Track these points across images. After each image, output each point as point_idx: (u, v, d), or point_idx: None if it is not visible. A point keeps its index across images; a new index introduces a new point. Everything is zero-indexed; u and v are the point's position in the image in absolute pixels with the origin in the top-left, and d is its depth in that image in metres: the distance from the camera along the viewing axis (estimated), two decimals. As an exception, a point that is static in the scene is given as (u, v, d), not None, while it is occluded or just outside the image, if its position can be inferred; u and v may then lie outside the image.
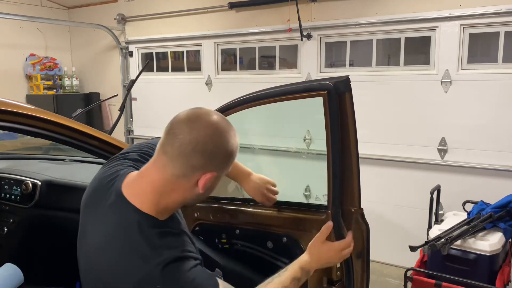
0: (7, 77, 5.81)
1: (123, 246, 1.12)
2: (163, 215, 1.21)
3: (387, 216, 4.15)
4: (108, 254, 1.13)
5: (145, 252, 1.09)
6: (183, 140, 1.16)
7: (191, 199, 1.25)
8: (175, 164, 1.17)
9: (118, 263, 1.11)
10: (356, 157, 1.66)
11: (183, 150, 1.16)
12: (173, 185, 1.18)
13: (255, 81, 4.64)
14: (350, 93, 1.61)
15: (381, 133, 4.10)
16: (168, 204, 1.20)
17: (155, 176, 1.19)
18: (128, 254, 1.10)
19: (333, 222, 1.68)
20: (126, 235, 1.14)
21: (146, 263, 1.08)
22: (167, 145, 1.19)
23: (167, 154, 1.18)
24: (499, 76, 3.55)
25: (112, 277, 1.11)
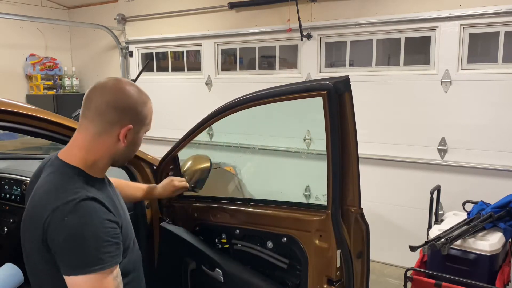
0: (7, 77, 5.81)
1: (50, 186, 1.31)
2: (94, 172, 1.39)
3: (387, 216, 4.15)
4: (38, 195, 1.32)
5: (65, 189, 1.29)
6: (97, 102, 1.35)
7: (119, 155, 1.43)
8: (95, 124, 1.35)
9: (41, 198, 1.30)
10: (356, 157, 1.67)
11: (99, 110, 1.35)
12: (97, 143, 1.36)
13: (255, 81, 4.64)
14: (350, 93, 1.61)
15: (381, 133, 4.10)
16: (96, 160, 1.38)
17: (80, 137, 1.37)
18: (52, 191, 1.30)
19: (333, 222, 1.68)
20: (54, 179, 1.33)
21: (63, 197, 1.26)
22: (86, 110, 1.37)
23: (87, 117, 1.36)
24: (499, 76, 3.55)
25: (36, 211, 1.29)
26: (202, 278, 2.03)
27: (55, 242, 1.24)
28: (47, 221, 1.24)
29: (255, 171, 3.07)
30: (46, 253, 1.27)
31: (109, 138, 1.37)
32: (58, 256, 1.24)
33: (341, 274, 1.73)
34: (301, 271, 1.84)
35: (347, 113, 1.62)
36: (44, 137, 1.82)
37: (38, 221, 1.26)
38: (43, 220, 1.25)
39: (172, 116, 5.48)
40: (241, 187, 3.26)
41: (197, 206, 2.18)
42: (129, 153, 1.47)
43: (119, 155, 1.43)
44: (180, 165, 2.23)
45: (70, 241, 1.22)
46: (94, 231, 1.24)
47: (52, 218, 1.24)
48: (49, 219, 1.24)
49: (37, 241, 1.27)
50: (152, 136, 5.74)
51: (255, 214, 1.97)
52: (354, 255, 1.74)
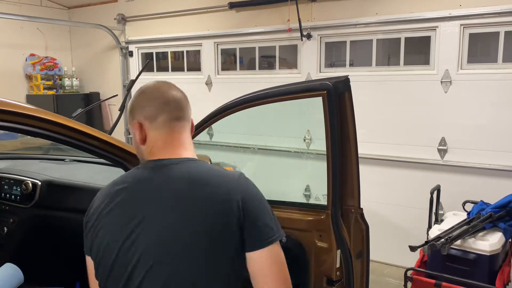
0: (7, 77, 5.81)
1: (209, 173, 1.27)
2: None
3: (387, 216, 4.15)
4: (207, 184, 1.23)
5: (224, 175, 1.27)
6: (181, 100, 1.41)
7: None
8: (185, 122, 1.40)
9: (214, 185, 1.23)
10: (356, 157, 1.67)
11: (185, 106, 1.42)
12: (189, 138, 1.40)
13: (255, 81, 4.64)
14: (350, 93, 1.61)
15: (381, 133, 4.10)
16: (194, 156, 1.38)
17: (181, 137, 1.37)
18: (216, 175, 1.26)
19: (333, 222, 1.68)
20: (202, 167, 1.30)
21: (232, 174, 1.28)
22: (176, 111, 1.37)
23: (181, 118, 1.38)
24: (499, 76, 3.55)
25: (217, 197, 1.21)
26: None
27: (250, 212, 1.19)
28: (236, 197, 1.19)
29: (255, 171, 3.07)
30: (236, 233, 1.18)
31: (189, 131, 1.42)
32: (252, 228, 1.19)
33: (341, 274, 1.73)
34: (301, 271, 1.83)
35: (347, 113, 1.62)
36: (44, 137, 1.82)
37: (225, 202, 1.19)
38: (231, 198, 1.19)
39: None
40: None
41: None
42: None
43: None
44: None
45: (264, 209, 1.23)
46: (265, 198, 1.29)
47: (241, 191, 1.22)
48: (240, 195, 1.20)
49: (228, 227, 1.18)
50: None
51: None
52: (354, 255, 1.74)
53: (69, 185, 2.54)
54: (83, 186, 2.48)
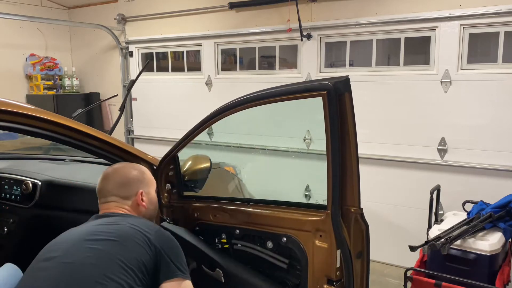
0: (7, 77, 5.80)
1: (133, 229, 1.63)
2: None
3: (387, 216, 4.15)
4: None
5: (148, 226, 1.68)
6: (110, 186, 1.83)
7: (145, 214, 1.85)
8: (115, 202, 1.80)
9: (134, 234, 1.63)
10: (356, 157, 1.67)
11: (112, 191, 1.82)
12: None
13: (255, 81, 4.64)
14: (350, 93, 1.61)
15: (381, 133, 4.10)
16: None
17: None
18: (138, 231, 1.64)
19: (333, 222, 1.68)
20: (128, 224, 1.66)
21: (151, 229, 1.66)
22: (104, 197, 1.83)
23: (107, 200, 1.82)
24: (499, 76, 3.55)
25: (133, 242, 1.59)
26: (202, 278, 2.03)
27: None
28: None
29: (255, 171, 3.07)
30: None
31: (132, 204, 1.82)
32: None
33: (341, 274, 1.73)
34: (301, 271, 1.84)
35: (347, 113, 1.62)
36: (44, 137, 1.82)
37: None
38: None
39: (172, 116, 5.48)
40: (241, 187, 3.26)
41: (197, 206, 2.18)
42: (152, 211, 1.90)
43: (146, 214, 1.84)
44: (180, 165, 2.23)
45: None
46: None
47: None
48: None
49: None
50: (152, 136, 5.75)
51: (255, 214, 1.97)
52: (354, 255, 1.74)
53: (69, 185, 2.54)
54: (83, 186, 2.49)
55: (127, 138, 6.02)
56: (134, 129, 6.00)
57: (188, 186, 2.25)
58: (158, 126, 5.67)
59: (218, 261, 1.96)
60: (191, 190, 2.22)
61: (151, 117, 5.74)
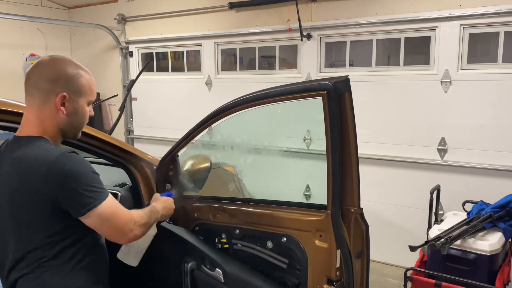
0: (7, 77, 5.80)
1: (33, 152, 1.44)
2: (55, 141, 1.54)
3: (387, 216, 4.15)
4: (25, 163, 1.44)
5: (49, 149, 1.45)
6: (32, 76, 1.51)
7: (64, 125, 1.54)
8: (34, 96, 1.49)
9: (30, 162, 1.43)
10: (356, 157, 1.66)
11: (34, 82, 1.50)
12: (43, 114, 1.50)
13: (255, 81, 4.64)
14: (350, 93, 1.61)
15: (381, 133, 4.10)
16: (49, 131, 1.52)
17: (30, 113, 1.51)
18: (39, 154, 1.44)
19: (333, 222, 1.68)
20: (31, 148, 1.45)
21: (53, 154, 1.43)
22: (27, 88, 1.52)
23: (28, 93, 1.51)
24: (499, 76, 3.55)
25: (29, 173, 1.42)
26: (202, 278, 2.03)
27: (63, 189, 1.41)
28: (49, 175, 1.40)
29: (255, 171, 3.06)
30: (48, 204, 1.43)
31: (49, 109, 1.50)
32: (68, 201, 1.43)
33: (341, 274, 1.73)
34: (301, 271, 1.84)
35: (347, 113, 1.61)
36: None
37: (38, 179, 1.41)
38: (44, 175, 1.40)
39: (172, 116, 5.48)
40: (241, 187, 3.25)
41: (197, 206, 2.18)
42: (73, 122, 1.56)
43: (64, 125, 1.54)
44: (180, 165, 2.23)
45: (77, 183, 1.42)
46: (91, 169, 1.48)
47: (54, 170, 1.40)
48: (51, 173, 1.39)
49: (38, 198, 1.43)
50: (152, 136, 5.75)
51: (255, 214, 1.97)
52: (354, 255, 1.73)
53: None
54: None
55: (127, 138, 6.02)
56: (134, 129, 6.00)
57: (188, 186, 2.25)
58: (158, 126, 5.67)
59: (218, 261, 1.96)
60: (191, 190, 2.22)
61: (151, 117, 5.74)
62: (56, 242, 1.48)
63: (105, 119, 6.27)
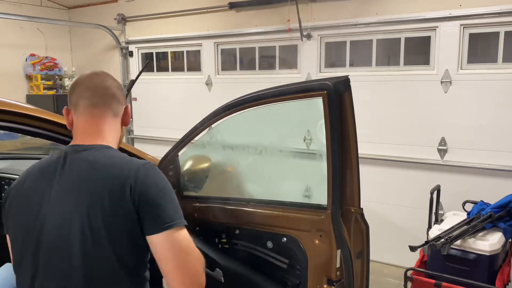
0: (7, 77, 5.81)
1: (113, 158, 1.33)
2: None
3: (387, 216, 4.15)
4: (102, 169, 1.30)
5: (131, 159, 1.35)
6: (102, 86, 1.43)
7: (121, 138, 1.52)
8: (104, 107, 1.42)
9: (110, 167, 1.30)
10: (356, 157, 1.67)
11: (107, 92, 1.43)
12: (111, 126, 1.44)
13: (255, 81, 4.64)
14: (350, 93, 1.61)
15: (381, 133, 4.10)
16: (114, 144, 1.44)
17: (94, 123, 1.41)
18: (119, 160, 1.33)
19: (333, 222, 1.68)
20: (110, 153, 1.35)
21: (136, 162, 1.33)
22: (92, 97, 1.41)
23: (91, 103, 1.41)
24: (499, 76, 3.55)
25: (110, 179, 1.27)
26: (202, 278, 2.02)
27: (146, 197, 1.26)
28: (131, 181, 1.26)
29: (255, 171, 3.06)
30: (131, 213, 1.25)
31: (118, 119, 1.47)
32: (148, 213, 1.26)
33: (341, 274, 1.73)
34: (301, 271, 1.83)
35: (347, 113, 1.62)
36: (44, 137, 1.82)
37: (120, 185, 1.25)
38: (126, 181, 1.25)
39: (172, 116, 5.48)
40: (241, 187, 3.25)
41: (197, 206, 2.18)
42: (123, 136, 1.55)
43: (121, 138, 1.52)
44: (180, 165, 2.23)
45: (162, 195, 1.28)
46: (172, 189, 1.35)
47: (138, 177, 1.26)
48: (134, 179, 1.26)
49: (121, 206, 1.24)
50: (152, 136, 5.75)
51: (255, 214, 1.97)
52: (354, 255, 1.73)
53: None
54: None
55: (127, 138, 6.02)
56: (134, 129, 6.00)
57: (188, 186, 2.25)
58: (158, 126, 5.67)
59: (218, 261, 1.96)
60: (191, 190, 2.22)
61: (151, 117, 5.74)
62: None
63: (105, 119, 6.26)
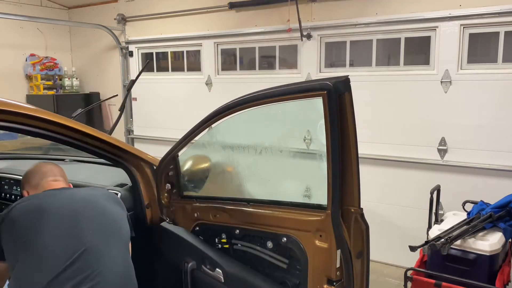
0: (7, 77, 5.81)
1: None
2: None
3: (387, 216, 4.15)
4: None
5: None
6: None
7: None
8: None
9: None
10: (356, 157, 1.66)
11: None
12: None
13: (255, 81, 4.64)
14: (350, 93, 1.60)
15: (381, 133, 4.10)
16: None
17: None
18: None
19: (333, 222, 1.68)
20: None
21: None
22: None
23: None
24: (499, 76, 3.55)
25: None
26: (202, 278, 2.03)
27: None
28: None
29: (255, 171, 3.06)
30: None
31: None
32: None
33: (341, 274, 1.73)
34: (301, 271, 1.83)
35: (347, 113, 1.61)
36: (44, 137, 1.82)
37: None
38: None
39: (172, 116, 5.48)
40: (241, 187, 3.25)
41: (197, 206, 2.18)
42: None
43: None
44: (180, 165, 2.23)
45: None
46: None
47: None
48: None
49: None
50: (152, 136, 5.75)
51: (255, 214, 1.97)
52: (354, 255, 1.73)
53: (69, 185, 2.53)
54: (83, 186, 2.48)
55: (127, 138, 6.02)
56: (134, 129, 6.00)
57: (188, 186, 2.25)
58: (158, 126, 5.67)
59: (218, 261, 1.96)
60: (191, 190, 2.22)
61: (151, 117, 5.74)
62: None
63: (105, 119, 6.27)
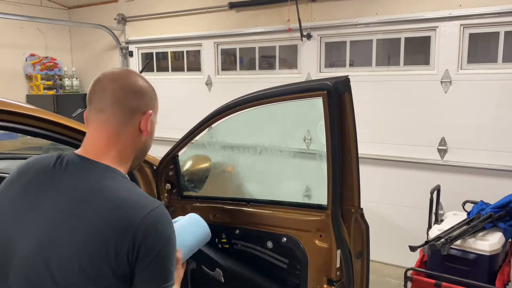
0: (7, 77, 5.80)
1: (111, 201, 1.09)
2: (125, 171, 1.23)
3: (387, 216, 4.15)
4: (93, 213, 1.07)
5: (135, 201, 1.11)
6: (113, 90, 1.19)
7: (140, 150, 1.28)
8: (115, 114, 1.19)
9: (111, 217, 1.07)
10: (356, 157, 1.67)
11: (117, 97, 1.19)
12: (123, 138, 1.21)
13: (255, 81, 4.64)
14: (350, 93, 1.61)
15: (381, 133, 4.10)
16: (126, 158, 1.23)
17: (102, 134, 1.19)
18: (120, 207, 1.08)
19: (333, 222, 1.68)
20: (109, 189, 1.11)
21: (144, 205, 1.10)
22: (99, 103, 1.20)
23: (104, 110, 1.20)
24: (499, 76, 3.55)
25: (110, 230, 1.05)
26: (202, 278, 2.03)
27: (150, 252, 1.07)
28: (137, 231, 1.06)
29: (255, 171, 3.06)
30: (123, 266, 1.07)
31: (132, 129, 1.22)
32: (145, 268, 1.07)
33: (341, 274, 1.73)
34: (301, 271, 1.84)
35: (347, 113, 1.62)
36: (44, 137, 1.82)
37: (124, 232, 1.05)
38: (132, 231, 1.05)
39: (172, 116, 5.48)
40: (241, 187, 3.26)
41: (197, 206, 2.18)
42: (147, 147, 1.32)
43: (140, 150, 1.27)
44: (180, 165, 2.23)
45: (167, 249, 1.10)
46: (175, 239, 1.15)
47: (144, 228, 1.07)
48: (141, 229, 1.06)
49: (117, 255, 1.05)
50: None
51: (255, 214, 1.97)
52: (354, 255, 1.74)
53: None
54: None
55: (127, 138, 6.02)
56: (134, 129, 5.99)
57: (188, 186, 2.25)
58: (158, 126, 5.62)
59: (218, 261, 1.96)
60: (191, 190, 2.22)
61: (151, 117, 5.74)
62: None
63: (105, 119, 6.27)
